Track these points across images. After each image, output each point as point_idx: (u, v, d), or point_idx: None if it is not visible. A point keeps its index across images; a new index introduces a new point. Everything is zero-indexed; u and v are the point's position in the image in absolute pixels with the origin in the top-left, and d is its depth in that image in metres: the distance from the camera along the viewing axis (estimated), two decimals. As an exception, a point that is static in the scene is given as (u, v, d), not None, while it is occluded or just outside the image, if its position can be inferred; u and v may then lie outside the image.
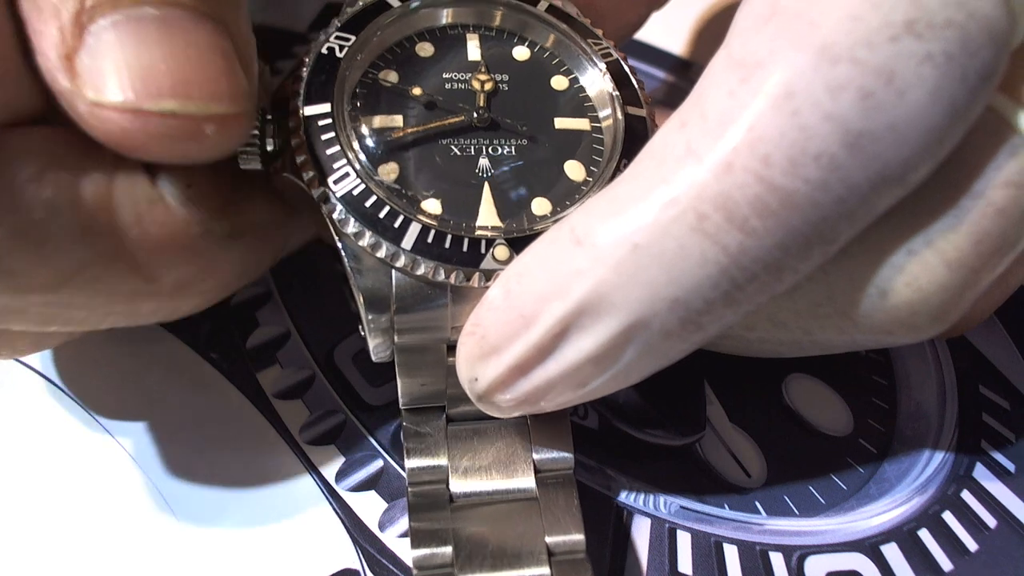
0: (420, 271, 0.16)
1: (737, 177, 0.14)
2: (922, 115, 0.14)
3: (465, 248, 0.17)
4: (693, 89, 0.15)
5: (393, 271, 0.17)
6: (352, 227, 0.17)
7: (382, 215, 0.17)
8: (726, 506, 0.21)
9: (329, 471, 0.20)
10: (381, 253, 0.16)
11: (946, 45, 0.14)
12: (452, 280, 0.17)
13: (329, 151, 0.17)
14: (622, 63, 0.20)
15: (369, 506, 0.20)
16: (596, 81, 0.20)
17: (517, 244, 0.17)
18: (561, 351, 0.15)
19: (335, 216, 0.17)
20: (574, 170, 0.19)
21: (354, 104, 0.18)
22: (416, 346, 0.18)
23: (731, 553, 0.20)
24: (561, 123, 0.19)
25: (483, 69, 0.19)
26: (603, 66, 0.20)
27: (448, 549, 0.17)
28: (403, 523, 0.20)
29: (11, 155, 0.15)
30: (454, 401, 0.19)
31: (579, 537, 0.18)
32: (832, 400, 0.23)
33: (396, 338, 0.17)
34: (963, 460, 0.23)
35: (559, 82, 0.20)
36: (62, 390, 0.21)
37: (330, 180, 0.17)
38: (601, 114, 0.19)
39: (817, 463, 0.22)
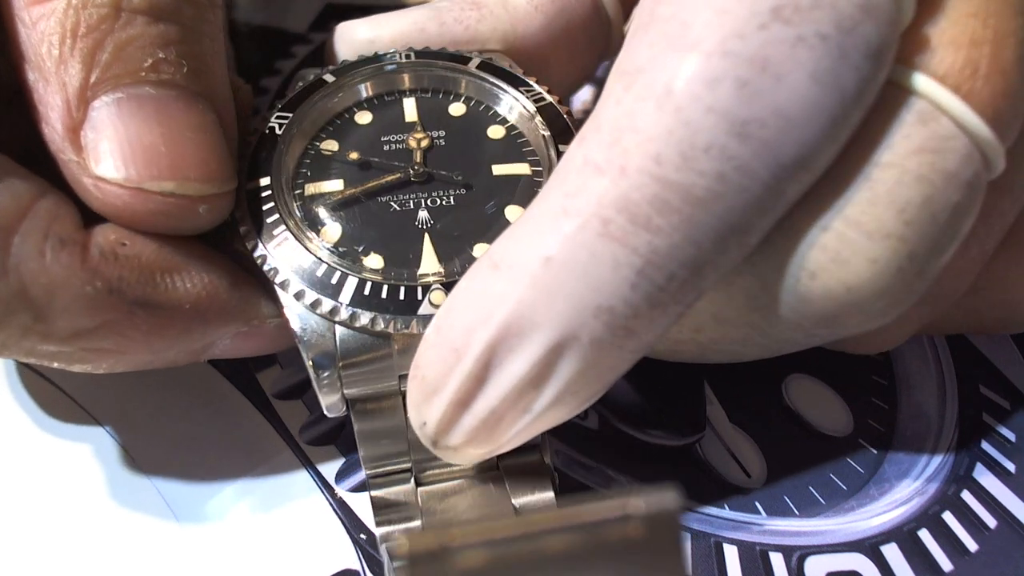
0: (360, 322, 0.17)
1: (633, 179, 0.14)
2: (807, 98, 0.14)
3: (402, 296, 0.17)
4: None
5: (336, 326, 0.17)
6: (293, 287, 0.17)
7: (320, 273, 0.17)
8: (726, 506, 0.21)
9: (329, 471, 0.20)
10: (322, 309, 0.17)
11: (818, 26, 0.14)
12: (391, 329, 0.17)
13: (269, 219, 0.18)
14: (556, 106, 0.20)
15: (369, 506, 0.20)
16: (530, 127, 0.20)
17: (452, 287, 0.17)
18: (495, 377, 0.15)
19: (276, 279, 0.17)
20: (515, 214, 0.19)
21: (297, 174, 0.19)
22: (367, 398, 0.18)
23: (731, 553, 0.20)
24: (499, 169, 0.20)
25: (419, 128, 0.20)
26: (534, 110, 0.20)
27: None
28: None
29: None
30: (419, 461, 0.18)
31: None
32: (832, 400, 0.23)
33: (344, 390, 0.18)
34: (963, 460, 0.23)
35: (496, 131, 0.20)
36: (62, 390, 0.21)
37: (270, 245, 0.18)
38: (540, 157, 0.20)
39: (817, 463, 0.22)
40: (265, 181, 0.18)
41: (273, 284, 0.18)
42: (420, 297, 0.17)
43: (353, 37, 0.22)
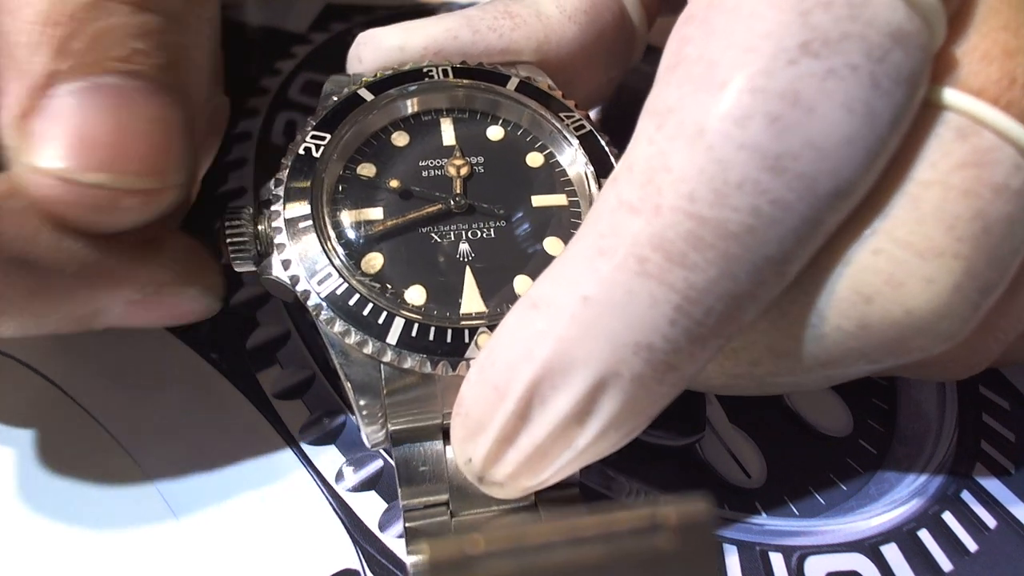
0: (407, 364, 0.17)
1: (667, 217, 0.15)
2: (839, 127, 0.14)
3: (449, 339, 0.17)
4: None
5: (382, 367, 0.17)
6: (338, 326, 0.17)
7: (366, 312, 0.17)
8: (726, 506, 0.21)
9: (329, 471, 0.20)
10: (368, 350, 0.17)
11: (847, 58, 0.14)
12: (439, 372, 0.17)
13: (311, 251, 0.18)
14: (596, 135, 0.20)
15: (369, 506, 0.20)
16: (570, 156, 0.20)
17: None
18: (538, 414, 0.15)
19: (321, 316, 0.17)
20: (553, 246, 0.19)
21: (334, 200, 0.19)
22: (411, 432, 0.18)
23: (731, 553, 0.20)
24: (538, 201, 0.20)
25: (458, 153, 0.20)
26: (576, 142, 0.20)
27: None
28: (403, 523, 0.20)
29: None
30: (458, 498, 0.18)
31: None
32: (832, 401, 0.23)
33: (390, 425, 0.18)
34: (963, 460, 0.23)
35: (534, 159, 0.20)
36: (62, 390, 0.21)
37: (313, 280, 0.17)
38: (577, 188, 0.20)
39: (817, 464, 0.22)
40: (305, 210, 0.18)
41: (317, 320, 0.17)
42: (467, 340, 0.17)
43: (381, 44, 0.21)
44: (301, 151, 0.19)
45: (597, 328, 0.15)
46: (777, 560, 0.20)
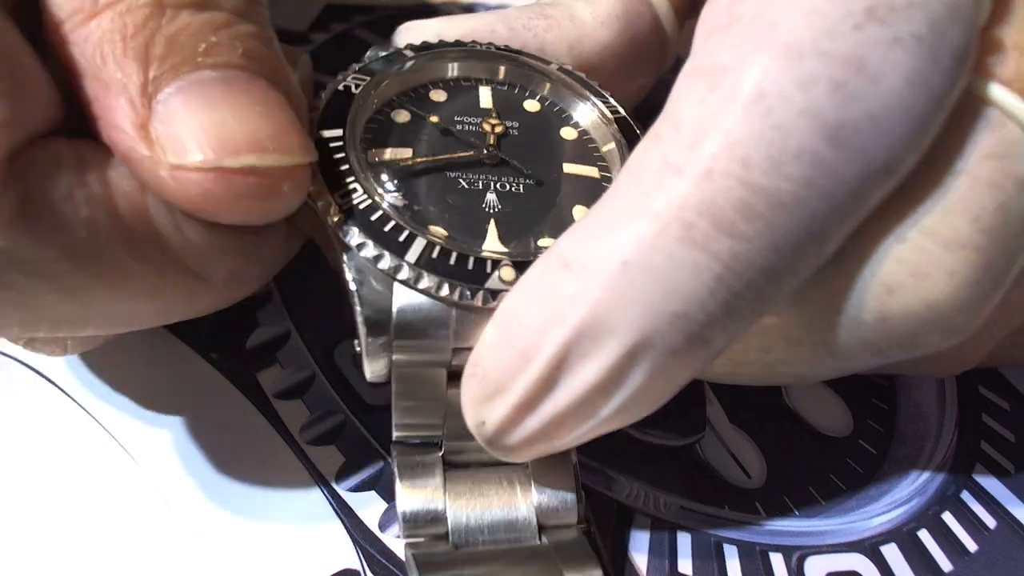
0: (423, 284, 0.16)
1: (718, 183, 0.14)
2: (901, 101, 0.14)
3: (470, 266, 0.17)
4: (663, 109, 0.15)
5: (395, 285, 0.16)
6: (356, 238, 0.17)
7: (387, 228, 0.17)
8: (726, 506, 0.21)
9: (329, 471, 0.20)
10: (384, 265, 0.16)
11: (913, 27, 0.14)
12: (456, 297, 0.16)
13: (339, 168, 0.17)
14: (631, 121, 0.20)
15: (369, 506, 0.20)
16: (604, 135, 0.20)
17: (522, 268, 0.16)
18: (565, 381, 0.15)
19: (340, 228, 0.17)
20: (581, 214, 0.18)
21: (366, 132, 0.19)
22: (415, 367, 0.17)
23: (731, 553, 0.20)
24: (569, 168, 0.19)
25: (494, 115, 0.20)
26: (612, 124, 0.20)
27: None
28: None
29: (44, 174, 0.15)
30: (451, 438, 0.18)
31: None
32: (832, 401, 0.23)
33: (394, 356, 0.17)
34: (963, 461, 0.23)
35: (568, 132, 0.20)
36: (62, 390, 0.21)
37: (336, 194, 0.17)
38: (610, 164, 0.20)
39: (817, 464, 0.22)
40: (337, 132, 0.18)
41: (336, 233, 0.17)
42: (488, 271, 0.17)
43: (421, 32, 0.21)
44: (340, 87, 0.19)
45: (634, 295, 0.14)
46: (777, 560, 0.20)
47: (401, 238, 0.17)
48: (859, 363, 0.17)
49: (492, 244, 0.18)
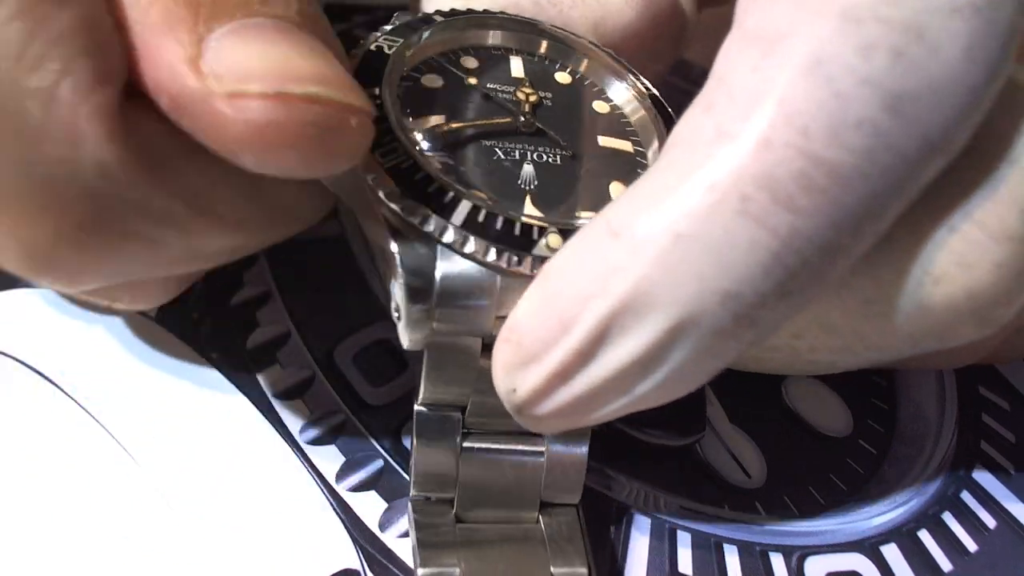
0: (469, 248, 0.15)
1: (777, 153, 0.13)
2: (959, 73, 0.13)
3: (517, 231, 0.16)
4: (709, 76, 0.15)
5: (439, 248, 0.16)
6: (399, 201, 0.16)
7: (431, 189, 0.16)
8: (726, 506, 0.21)
9: (329, 471, 0.20)
10: (429, 227, 0.15)
11: None
12: (503, 262, 0.15)
13: (379, 127, 0.16)
14: (660, 98, 0.20)
15: (369, 506, 0.20)
16: (637, 110, 0.20)
17: (569, 236, 0.16)
18: (604, 354, 0.14)
19: (381, 190, 0.16)
20: (617, 191, 0.18)
21: (401, 97, 0.18)
22: (452, 336, 0.16)
23: (731, 553, 0.20)
24: (604, 141, 0.19)
25: (527, 84, 0.19)
26: (645, 93, 0.20)
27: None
28: (403, 523, 0.20)
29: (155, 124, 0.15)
30: (477, 406, 0.18)
31: (582, 570, 0.18)
32: (832, 401, 0.23)
33: (435, 325, 0.16)
34: (963, 461, 0.23)
35: (600, 106, 0.20)
36: (61, 390, 0.21)
37: (377, 152, 0.16)
38: (643, 138, 0.19)
39: (817, 463, 0.22)
40: (374, 90, 0.17)
41: (375, 194, 0.16)
42: (536, 237, 0.16)
43: (448, 4, 0.20)
44: (372, 47, 0.18)
45: (686, 269, 0.13)
46: (777, 560, 0.20)
47: (446, 200, 0.16)
48: (891, 354, 0.17)
49: (532, 212, 0.17)
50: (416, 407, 0.18)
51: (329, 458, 0.21)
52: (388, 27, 0.19)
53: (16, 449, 0.20)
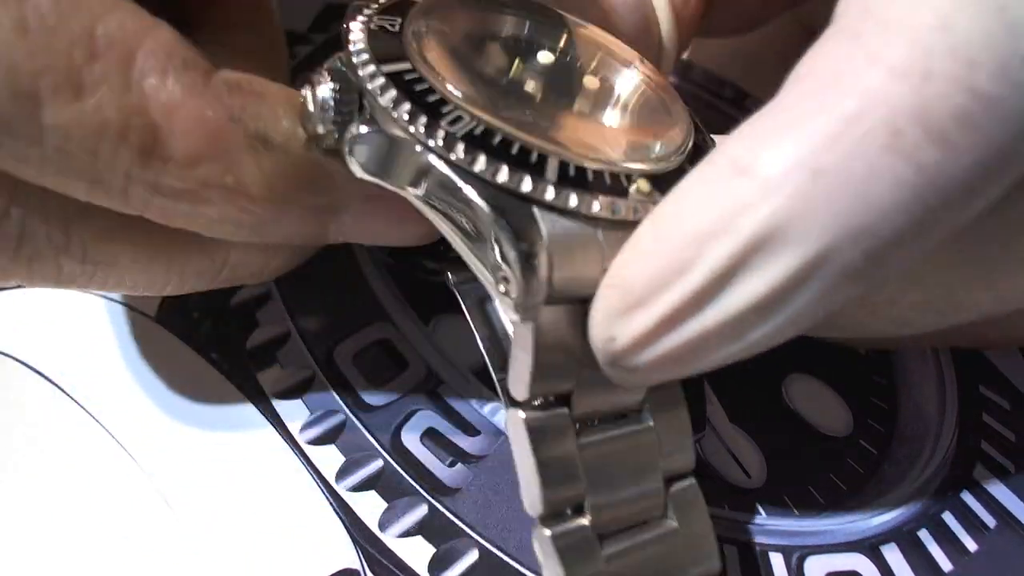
0: (571, 203, 0.15)
1: (938, 86, 0.12)
2: None
3: (608, 180, 0.15)
4: (844, 10, 0.14)
5: (535, 209, 0.15)
6: (482, 164, 0.15)
7: (514, 151, 0.15)
8: (726, 506, 0.21)
9: (329, 471, 0.20)
10: (525, 187, 0.15)
11: None
12: (606, 212, 0.15)
13: (429, 99, 0.15)
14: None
15: (369, 506, 0.20)
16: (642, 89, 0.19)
17: (655, 181, 0.15)
18: (724, 296, 0.13)
19: (460, 156, 0.15)
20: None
21: (433, 69, 0.17)
22: (566, 298, 0.15)
23: (731, 553, 0.20)
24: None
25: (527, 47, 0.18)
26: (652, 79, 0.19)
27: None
28: (403, 523, 0.20)
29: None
30: (584, 388, 0.16)
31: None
32: (832, 400, 0.23)
33: (555, 275, 0.15)
34: (963, 460, 0.23)
35: (591, 81, 0.19)
36: (61, 390, 0.21)
37: (443, 122, 0.15)
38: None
39: (817, 463, 0.22)
40: (405, 65, 0.16)
41: (453, 164, 0.15)
42: (626, 184, 0.15)
43: None
44: (374, 27, 0.17)
45: (823, 205, 0.12)
46: (777, 560, 0.20)
47: (532, 159, 0.15)
48: (973, 313, 0.16)
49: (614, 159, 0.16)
50: (520, 414, 0.16)
51: (329, 458, 0.21)
52: (368, 10, 0.17)
53: (16, 449, 0.20)
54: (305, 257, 0.20)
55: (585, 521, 0.16)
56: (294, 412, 0.21)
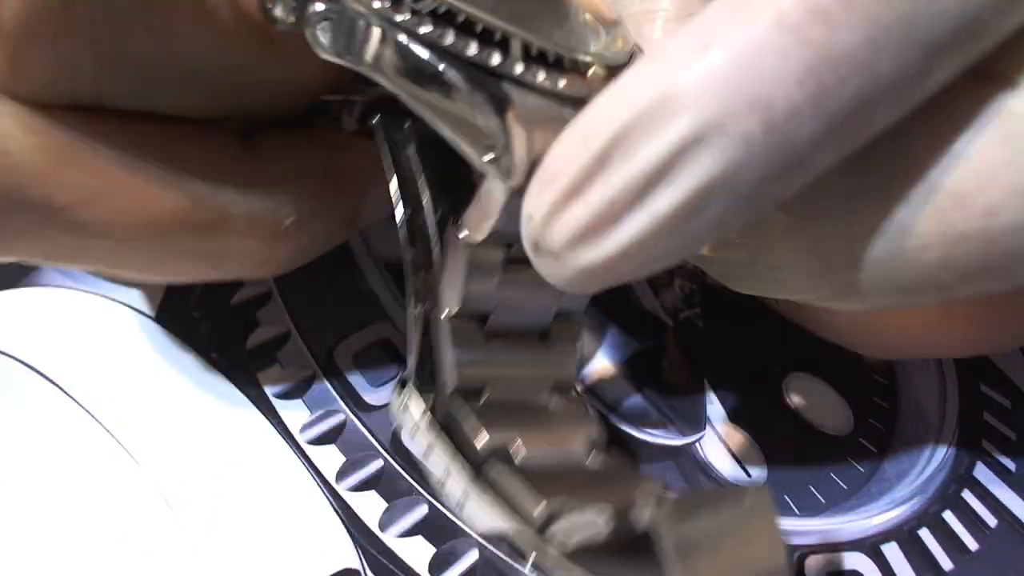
0: (540, 78, 0.15)
1: None
2: None
3: (567, 64, 0.16)
4: None
5: (506, 84, 0.15)
6: (451, 38, 0.15)
7: (478, 30, 0.15)
8: (726, 505, 0.21)
9: (329, 471, 0.20)
10: (494, 61, 0.15)
11: None
12: (572, 90, 0.15)
13: None
14: None
15: (369, 506, 0.20)
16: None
17: (611, 68, 0.16)
18: (621, 160, 0.14)
19: (429, 30, 0.15)
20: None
21: None
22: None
23: (731, 553, 0.20)
24: None
25: None
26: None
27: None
28: (403, 523, 0.20)
29: None
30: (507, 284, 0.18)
31: None
32: (832, 399, 0.23)
33: (534, 152, 0.15)
34: (964, 459, 0.23)
35: None
36: (62, 390, 0.21)
37: (407, 1, 0.15)
38: None
39: (817, 462, 0.22)
40: None
41: (421, 38, 0.15)
42: (584, 70, 0.16)
43: None
44: None
45: (712, 75, 0.13)
46: (777, 559, 0.20)
47: (496, 37, 0.15)
48: (859, 296, 0.16)
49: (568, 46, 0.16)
50: (462, 234, 0.17)
51: (329, 458, 0.21)
52: None
53: (16, 449, 0.20)
54: (315, 249, 0.20)
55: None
56: (294, 412, 0.21)
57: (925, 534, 0.21)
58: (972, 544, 0.21)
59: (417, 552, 0.19)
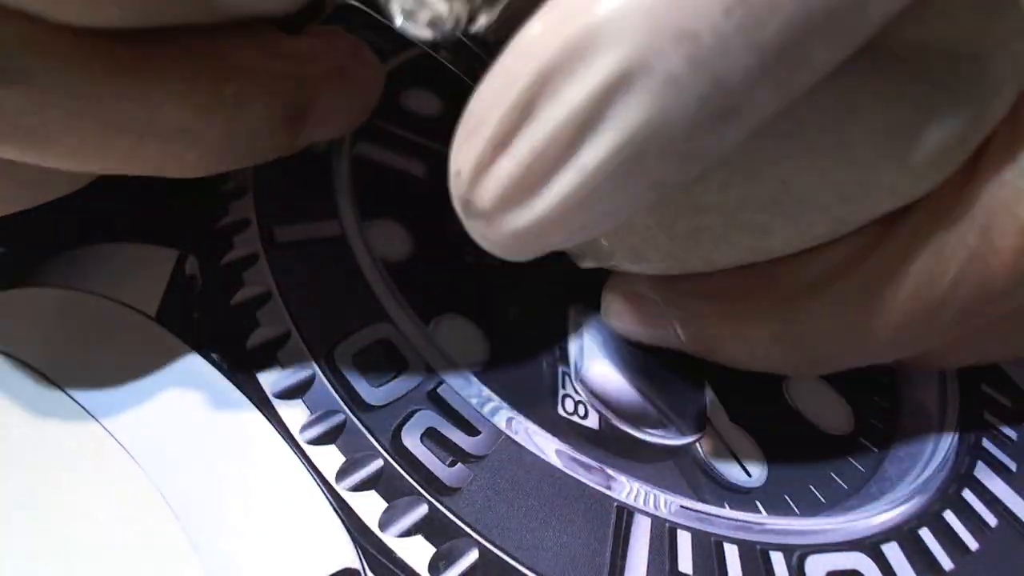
0: None
1: None
2: None
3: None
4: None
5: None
6: None
7: None
8: (726, 505, 0.21)
9: (329, 471, 0.20)
10: None
11: None
12: None
13: None
14: None
15: (369, 506, 0.20)
16: None
17: None
18: (544, 107, 0.13)
19: None
20: None
21: None
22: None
23: (731, 553, 0.20)
24: None
25: None
26: None
27: None
28: (403, 522, 0.20)
29: None
30: None
31: None
32: (833, 399, 0.23)
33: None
34: (964, 459, 0.23)
35: None
36: (61, 390, 0.21)
37: None
38: None
39: (818, 462, 0.22)
40: None
41: None
42: None
43: None
44: None
45: (634, 8, 0.12)
46: (777, 559, 0.20)
47: None
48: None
49: None
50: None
51: (329, 458, 0.21)
52: None
53: (16, 449, 0.20)
54: (245, 151, 0.18)
55: None
56: (294, 412, 0.21)
57: (925, 534, 0.21)
58: (972, 544, 0.21)
59: (417, 552, 0.19)
